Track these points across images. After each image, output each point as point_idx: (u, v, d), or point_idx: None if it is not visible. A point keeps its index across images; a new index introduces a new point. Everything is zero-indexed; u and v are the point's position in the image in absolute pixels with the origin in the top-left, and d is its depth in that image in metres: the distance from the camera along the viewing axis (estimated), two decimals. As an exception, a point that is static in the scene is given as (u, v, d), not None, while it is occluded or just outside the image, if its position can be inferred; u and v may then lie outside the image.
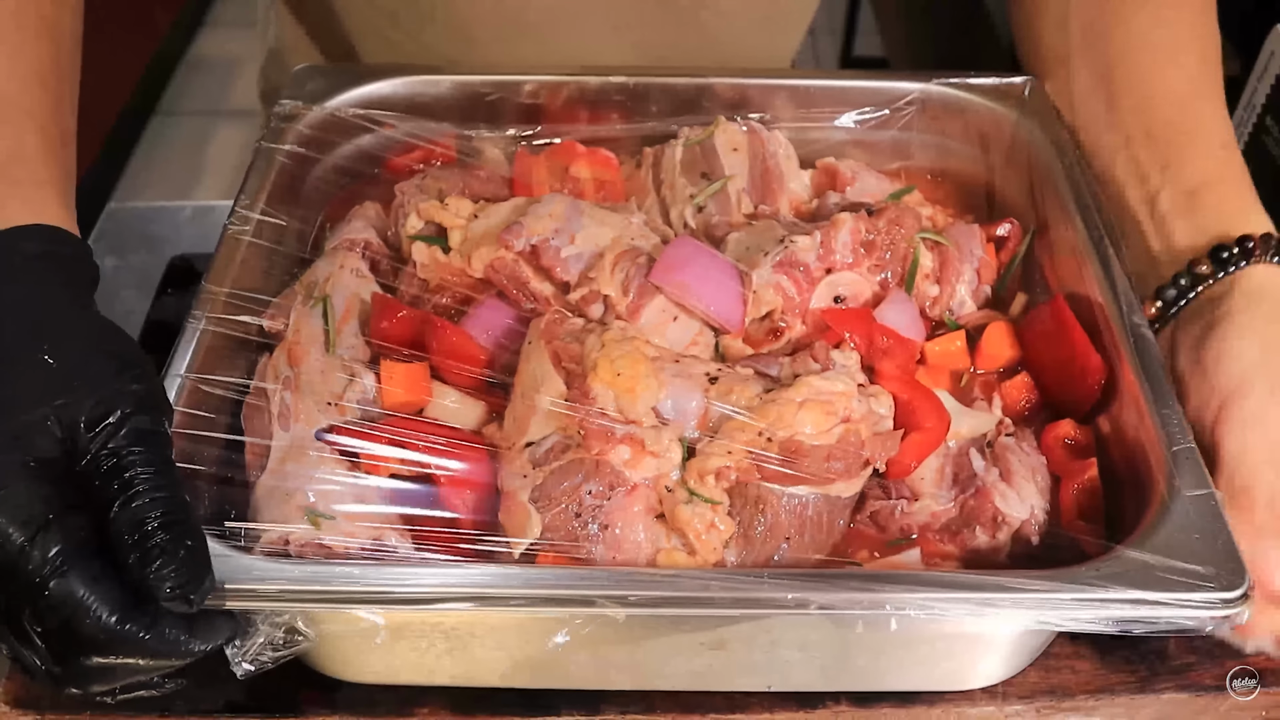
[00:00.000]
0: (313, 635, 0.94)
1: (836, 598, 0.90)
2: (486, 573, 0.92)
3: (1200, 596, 0.89)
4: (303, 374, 1.10)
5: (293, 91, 1.38)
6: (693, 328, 1.17)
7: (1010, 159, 1.38)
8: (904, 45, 4.05)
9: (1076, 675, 1.07)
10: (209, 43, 4.84)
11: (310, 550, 0.96)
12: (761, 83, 1.42)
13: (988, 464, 1.08)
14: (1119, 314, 1.12)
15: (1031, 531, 1.05)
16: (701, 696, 1.05)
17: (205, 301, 1.12)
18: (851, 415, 1.02)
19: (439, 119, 1.40)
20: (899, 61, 4.01)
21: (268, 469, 1.04)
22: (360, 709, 1.04)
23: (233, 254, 1.17)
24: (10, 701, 1.04)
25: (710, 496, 1.00)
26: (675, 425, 1.04)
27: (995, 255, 1.30)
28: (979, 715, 1.06)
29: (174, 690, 0.91)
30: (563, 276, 1.18)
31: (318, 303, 1.17)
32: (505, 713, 1.04)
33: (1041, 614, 0.90)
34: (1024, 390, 1.18)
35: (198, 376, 1.06)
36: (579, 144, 1.39)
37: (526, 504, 1.00)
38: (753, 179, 1.34)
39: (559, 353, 1.08)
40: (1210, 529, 0.94)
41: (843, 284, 1.20)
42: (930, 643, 1.00)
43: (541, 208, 1.20)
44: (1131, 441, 1.05)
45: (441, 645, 0.98)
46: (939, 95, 1.41)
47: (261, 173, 1.27)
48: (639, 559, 1.00)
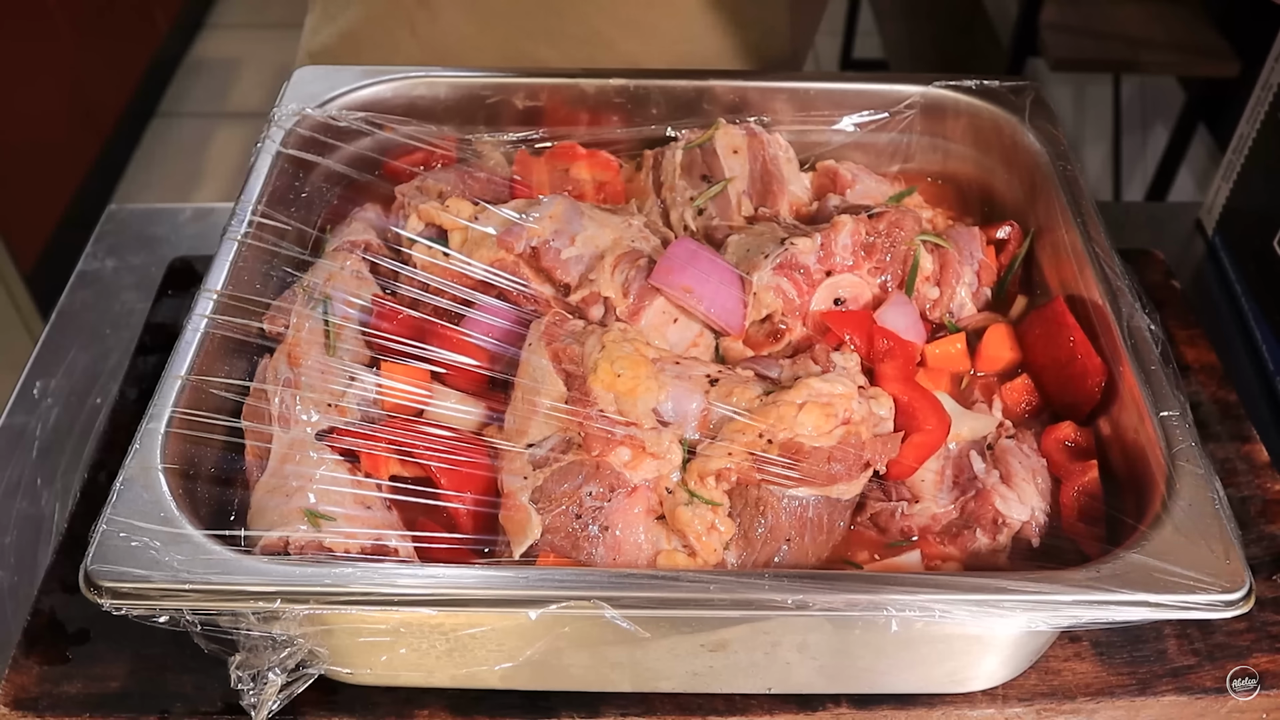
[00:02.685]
0: (327, 655, 0.94)
1: (837, 599, 0.90)
2: (486, 574, 0.92)
3: (1201, 598, 0.89)
4: (303, 375, 1.10)
5: (293, 94, 1.38)
6: (693, 329, 1.17)
7: (1010, 162, 1.38)
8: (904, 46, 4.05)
9: (1077, 677, 1.07)
10: (209, 45, 4.85)
11: (310, 550, 0.96)
12: (762, 85, 1.42)
13: (988, 466, 1.08)
14: (1119, 316, 1.12)
15: (1032, 533, 1.05)
16: (701, 698, 1.05)
17: (205, 303, 1.12)
18: (852, 417, 1.02)
19: (439, 121, 1.40)
20: (899, 63, 4.01)
21: (268, 470, 1.04)
22: (360, 710, 1.04)
23: (233, 256, 1.17)
24: (10, 702, 1.04)
25: (710, 498, 1.00)
26: (675, 427, 1.04)
27: (995, 258, 1.30)
28: (979, 717, 1.06)
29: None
30: (563, 278, 1.18)
31: (318, 304, 1.17)
32: (505, 714, 1.04)
33: (1042, 616, 0.90)
34: (1024, 392, 1.18)
35: (198, 378, 1.06)
36: (579, 146, 1.39)
37: (527, 505, 1.00)
38: (753, 181, 1.34)
39: (559, 354, 1.08)
40: (1210, 530, 0.94)
41: (843, 286, 1.20)
42: (930, 645, 1.00)
43: (542, 209, 1.20)
44: (1131, 443, 1.05)
45: (441, 646, 0.98)
46: (939, 98, 1.41)
47: (262, 175, 1.27)
48: (639, 560, 1.00)
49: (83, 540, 0.93)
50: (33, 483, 1.28)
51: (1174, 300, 1.48)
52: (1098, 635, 1.11)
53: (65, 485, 1.27)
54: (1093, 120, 3.96)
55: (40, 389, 1.39)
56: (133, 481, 0.96)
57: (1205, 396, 1.36)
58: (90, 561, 0.90)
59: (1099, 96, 3.92)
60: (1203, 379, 1.38)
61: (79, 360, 1.43)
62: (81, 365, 1.42)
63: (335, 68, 1.43)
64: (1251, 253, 1.51)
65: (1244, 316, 1.52)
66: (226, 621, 0.91)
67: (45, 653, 1.08)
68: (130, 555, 0.90)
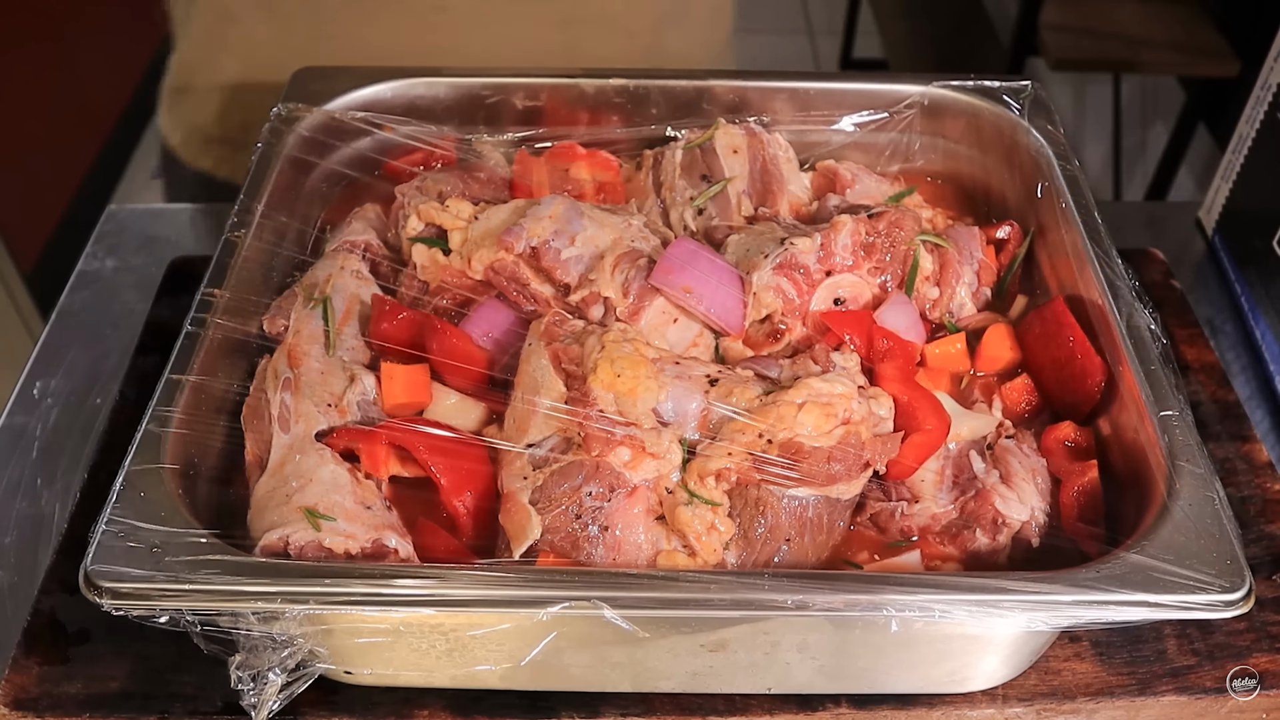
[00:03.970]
0: (327, 655, 0.94)
1: (837, 599, 0.90)
2: (486, 574, 0.92)
3: (1201, 598, 0.89)
4: (303, 375, 1.10)
5: (293, 94, 1.38)
6: (693, 330, 1.17)
7: (1010, 161, 1.38)
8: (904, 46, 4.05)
9: (1077, 677, 1.07)
10: (209, 45, 4.83)
11: (310, 551, 0.96)
12: (762, 85, 1.42)
13: (988, 466, 1.08)
14: (1119, 316, 1.12)
15: (1032, 533, 1.05)
16: (701, 698, 1.05)
17: (205, 303, 1.12)
18: (852, 417, 1.02)
19: (439, 121, 1.40)
20: (899, 63, 4.01)
21: (268, 470, 1.04)
22: (360, 710, 1.04)
23: (233, 256, 1.17)
24: (10, 703, 1.04)
25: (710, 498, 1.00)
26: (675, 427, 1.04)
27: (995, 257, 1.30)
28: (979, 717, 1.06)
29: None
30: (563, 278, 1.18)
31: (318, 304, 1.17)
32: (505, 714, 1.04)
33: (1042, 616, 0.90)
34: (1024, 392, 1.18)
35: (198, 378, 1.06)
36: (579, 146, 1.39)
37: (527, 505, 1.00)
38: (753, 181, 1.34)
39: (559, 354, 1.08)
40: (1211, 531, 0.94)
41: (843, 286, 1.20)
42: (930, 645, 1.00)
43: (542, 209, 1.20)
44: (1131, 443, 1.05)
45: (441, 646, 0.98)
46: (939, 98, 1.41)
47: (262, 175, 1.27)
48: (639, 560, 1.00)
49: (83, 540, 0.93)
50: (33, 483, 1.28)
51: (1174, 300, 1.48)
52: (1098, 635, 1.10)
53: (65, 485, 1.27)
54: (1093, 120, 3.96)
55: (40, 389, 1.39)
56: (133, 481, 0.96)
57: (1205, 396, 1.36)
58: (90, 562, 0.90)
59: (1099, 96, 3.92)
60: (1203, 379, 1.38)
61: (79, 360, 1.43)
62: (81, 365, 1.42)
63: (335, 67, 1.43)
64: (1251, 253, 1.51)
65: (1244, 316, 1.52)
66: (226, 621, 0.91)
67: (45, 653, 1.08)
68: (130, 555, 0.90)
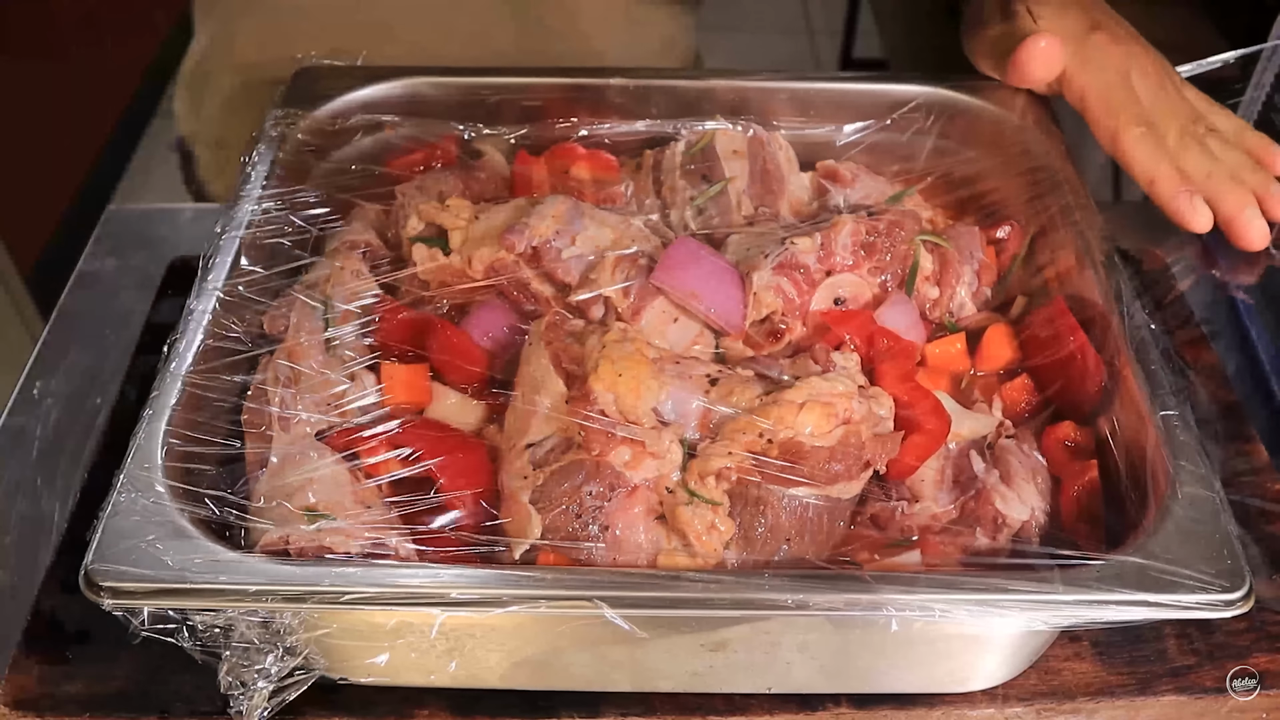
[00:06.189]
0: (325, 656, 0.94)
1: (837, 599, 0.90)
2: (486, 574, 0.92)
3: (1201, 598, 0.89)
4: (303, 375, 1.10)
5: (293, 93, 1.38)
6: (693, 329, 1.17)
7: (1010, 161, 1.38)
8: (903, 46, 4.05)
9: (1077, 677, 1.07)
10: (209, 45, 4.83)
11: (310, 551, 0.96)
12: (762, 85, 1.42)
13: (988, 466, 1.08)
14: (1119, 316, 1.12)
15: (1032, 533, 1.05)
16: (701, 698, 1.05)
17: (206, 302, 1.12)
18: (852, 417, 1.02)
19: (440, 120, 1.40)
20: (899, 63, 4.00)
21: (268, 470, 1.04)
22: (360, 710, 1.04)
23: (232, 255, 1.17)
24: (10, 703, 1.04)
25: (711, 498, 1.00)
26: (676, 426, 1.04)
27: (995, 257, 1.30)
28: (979, 717, 1.06)
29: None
30: (564, 278, 1.18)
31: (318, 304, 1.17)
32: (505, 714, 1.04)
33: (1042, 616, 0.90)
34: (1024, 392, 1.18)
35: (198, 378, 1.06)
36: (580, 145, 1.39)
37: (527, 505, 1.00)
38: (753, 181, 1.34)
39: (559, 354, 1.08)
40: (1211, 531, 0.94)
41: (843, 286, 1.20)
42: (930, 644, 1.00)
43: (543, 209, 1.20)
44: (1132, 443, 1.05)
45: (441, 646, 0.98)
46: (940, 98, 1.41)
47: (261, 174, 1.27)
48: (639, 560, 1.00)
49: (83, 540, 0.93)
50: (33, 483, 1.28)
51: (1174, 300, 1.48)
52: (1098, 635, 1.10)
53: (65, 485, 1.27)
54: (1093, 120, 3.96)
55: (40, 389, 1.39)
56: (133, 481, 0.96)
57: (1205, 396, 1.36)
58: (90, 561, 0.90)
59: (1099, 96, 3.92)
60: (1203, 379, 1.38)
61: (79, 360, 1.43)
62: (81, 365, 1.42)
63: (335, 67, 1.43)
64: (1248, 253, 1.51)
65: (1243, 316, 1.52)
66: (223, 622, 0.91)
67: (45, 653, 1.08)
68: (131, 555, 0.90)
